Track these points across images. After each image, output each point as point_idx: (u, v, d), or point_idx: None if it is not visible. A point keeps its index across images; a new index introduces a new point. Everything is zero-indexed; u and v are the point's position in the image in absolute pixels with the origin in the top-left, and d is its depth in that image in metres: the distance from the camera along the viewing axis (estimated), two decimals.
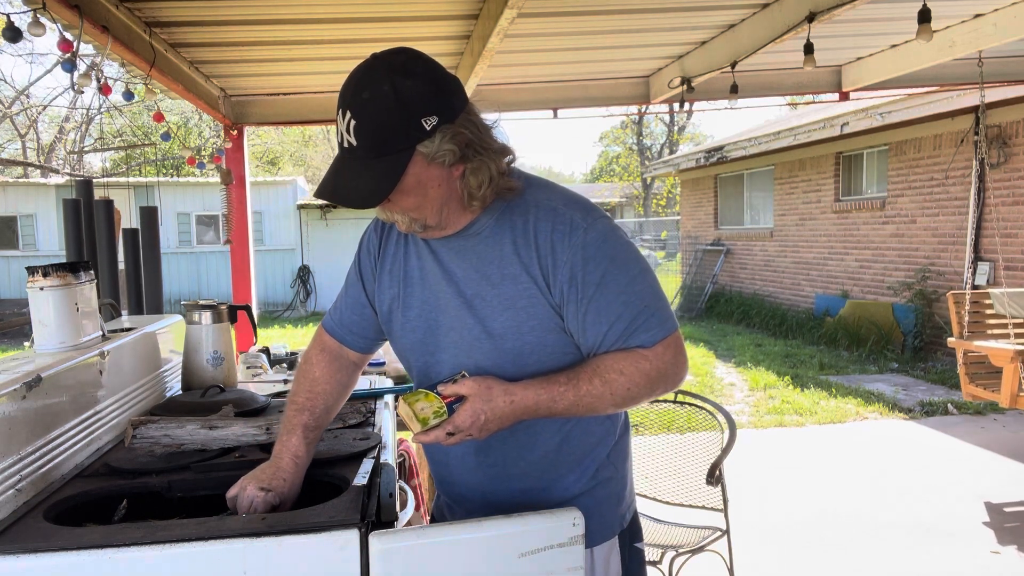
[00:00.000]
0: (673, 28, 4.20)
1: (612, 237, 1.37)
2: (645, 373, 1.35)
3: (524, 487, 1.46)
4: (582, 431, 1.46)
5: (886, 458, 5.18)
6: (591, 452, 1.48)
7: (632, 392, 1.36)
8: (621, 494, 1.53)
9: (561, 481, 1.47)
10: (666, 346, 1.36)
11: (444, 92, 1.30)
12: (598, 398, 1.35)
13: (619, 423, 1.54)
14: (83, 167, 19.31)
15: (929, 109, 7.71)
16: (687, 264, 14.65)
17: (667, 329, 1.36)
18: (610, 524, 1.49)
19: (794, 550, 3.79)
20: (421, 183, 1.30)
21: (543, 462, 1.46)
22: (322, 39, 4.00)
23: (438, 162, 1.29)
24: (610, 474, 1.50)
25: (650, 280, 1.39)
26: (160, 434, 1.62)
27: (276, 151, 27.95)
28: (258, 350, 3.51)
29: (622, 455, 1.55)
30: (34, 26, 2.56)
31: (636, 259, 1.39)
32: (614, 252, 1.36)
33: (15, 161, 20.25)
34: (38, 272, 1.73)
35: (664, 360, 1.36)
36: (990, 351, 4.66)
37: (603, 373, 1.35)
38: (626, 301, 1.35)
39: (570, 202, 1.41)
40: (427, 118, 1.26)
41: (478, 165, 1.32)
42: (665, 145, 32.78)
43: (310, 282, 16.07)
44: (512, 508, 1.38)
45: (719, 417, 2.99)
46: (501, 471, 1.46)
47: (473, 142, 1.31)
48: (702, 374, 8.12)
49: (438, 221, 1.37)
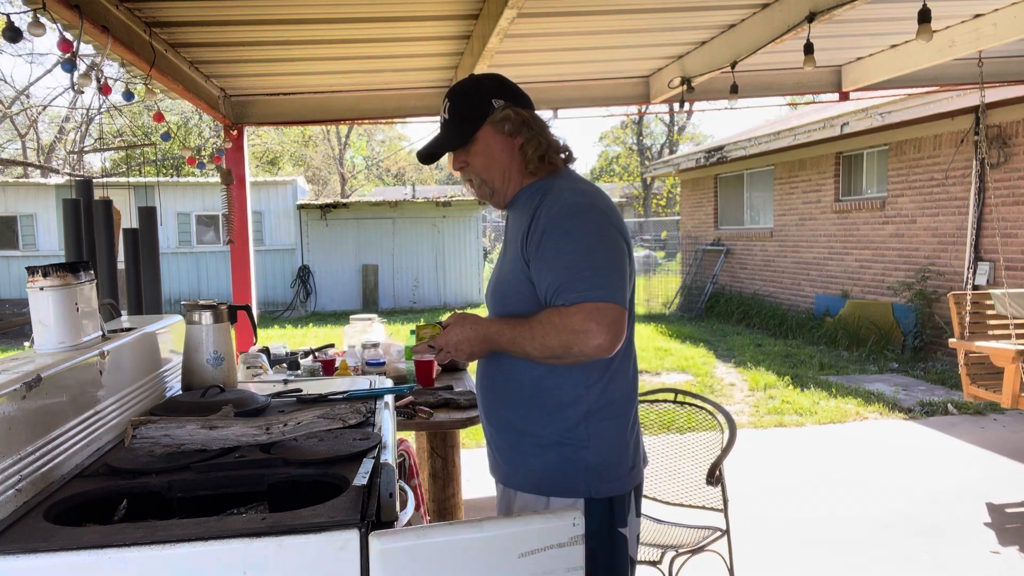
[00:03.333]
0: (673, 28, 4.20)
1: (582, 213, 1.65)
2: (555, 325, 1.58)
3: (509, 418, 1.75)
4: (552, 384, 1.69)
5: (886, 458, 5.18)
6: (561, 411, 1.69)
7: (546, 341, 1.60)
8: (594, 466, 1.69)
9: (533, 425, 1.71)
10: (580, 308, 1.56)
11: (512, 89, 1.80)
12: (524, 339, 1.63)
13: (592, 398, 1.69)
14: (83, 167, 19.30)
15: (929, 109, 7.71)
16: (687, 264, 14.65)
17: (589, 297, 1.57)
18: (573, 485, 1.68)
19: (794, 550, 3.79)
20: (489, 146, 1.74)
21: (520, 404, 1.73)
22: (322, 39, 4.00)
23: (501, 130, 1.73)
24: (583, 443, 1.69)
25: (599, 256, 1.61)
26: (160, 434, 1.62)
27: (276, 151, 27.94)
28: (258, 350, 3.51)
29: (607, 436, 1.71)
30: (34, 26, 2.56)
31: (595, 235, 1.63)
32: (576, 225, 1.63)
33: (15, 161, 20.25)
34: (38, 272, 1.73)
35: (574, 320, 1.56)
36: (991, 351, 4.66)
37: (532, 320, 1.63)
38: (567, 265, 1.60)
39: (575, 188, 1.71)
40: (496, 99, 1.75)
41: (532, 137, 1.74)
42: (665, 145, 32.78)
43: (310, 282, 16.07)
44: (501, 434, 1.77)
45: (719, 417, 2.99)
46: (495, 403, 1.78)
47: (529, 121, 1.75)
48: (702, 374, 8.12)
49: (502, 184, 1.78)
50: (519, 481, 1.75)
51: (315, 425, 1.67)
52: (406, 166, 35.99)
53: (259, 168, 26.39)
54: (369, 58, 4.47)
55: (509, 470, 1.78)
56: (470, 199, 16.45)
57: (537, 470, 1.71)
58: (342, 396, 2.18)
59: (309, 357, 3.71)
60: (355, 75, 4.90)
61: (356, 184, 29.73)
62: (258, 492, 1.53)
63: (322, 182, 29.48)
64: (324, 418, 1.68)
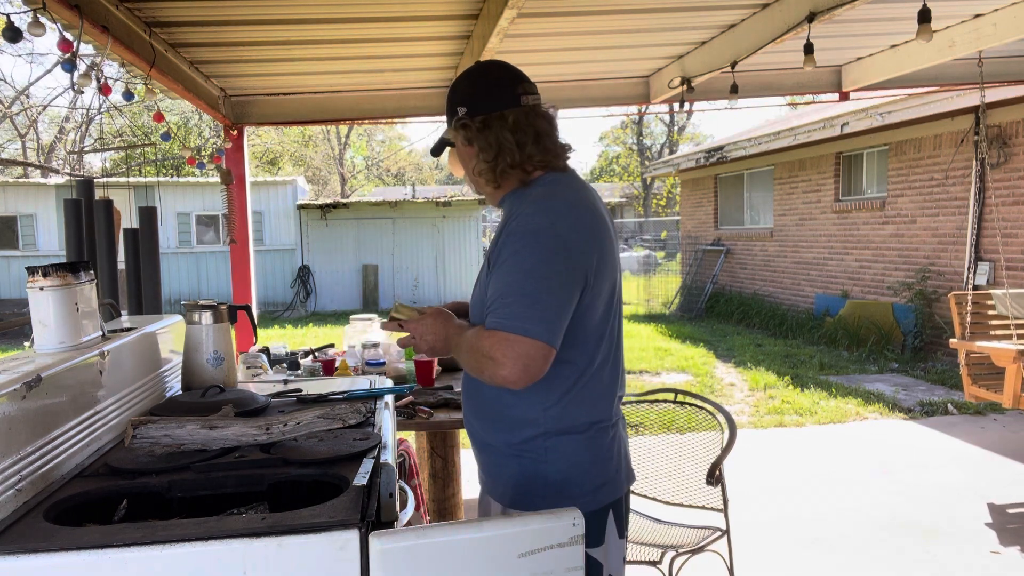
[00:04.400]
0: (673, 28, 4.20)
1: (533, 235, 1.58)
2: (473, 346, 1.60)
3: (478, 429, 1.78)
4: (511, 402, 1.67)
5: (886, 458, 5.18)
6: (519, 428, 1.68)
7: (467, 359, 1.63)
8: (555, 484, 1.67)
9: (496, 438, 1.73)
10: (493, 334, 1.54)
11: (475, 94, 1.73)
12: (459, 352, 1.66)
13: (548, 421, 1.66)
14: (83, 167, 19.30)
15: (929, 109, 7.71)
16: (687, 264, 14.65)
17: (504, 325, 1.54)
18: (534, 500, 1.67)
19: (794, 550, 3.79)
20: (460, 152, 1.78)
21: (485, 417, 1.74)
22: (322, 39, 4.00)
23: (462, 139, 1.74)
24: (541, 458, 1.67)
25: (531, 285, 1.55)
26: (160, 434, 1.62)
27: (276, 151, 27.94)
28: (258, 350, 3.51)
29: (568, 454, 1.67)
30: (34, 26, 2.56)
31: (534, 262, 1.56)
32: (523, 247, 1.58)
33: (15, 161, 20.25)
34: (38, 272, 1.73)
35: (485, 344, 1.55)
36: (992, 351, 4.66)
37: (468, 335, 1.64)
38: (500, 288, 1.58)
39: (542, 205, 1.64)
40: (460, 107, 1.73)
41: (486, 148, 1.70)
42: (665, 145, 32.79)
43: (310, 282, 16.07)
44: (475, 444, 1.80)
45: (719, 417, 2.99)
46: (468, 414, 1.81)
47: (488, 133, 1.69)
48: (702, 374, 8.12)
49: (479, 190, 1.80)
50: (495, 491, 1.77)
51: (315, 425, 1.67)
52: (406, 166, 36.00)
53: (259, 168, 26.39)
54: (369, 58, 4.46)
55: (488, 480, 1.81)
56: (470, 199, 16.47)
57: (505, 482, 1.73)
58: (342, 396, 2.18)
59: (309, 357, 3.71)
60: (355, 75, 4.90)
61: (356, 184, 29.74)
62: (258, 492, 1.53)
63: (322, 182, 29.48)
64: (324, 418, 1.68)
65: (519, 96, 1.71)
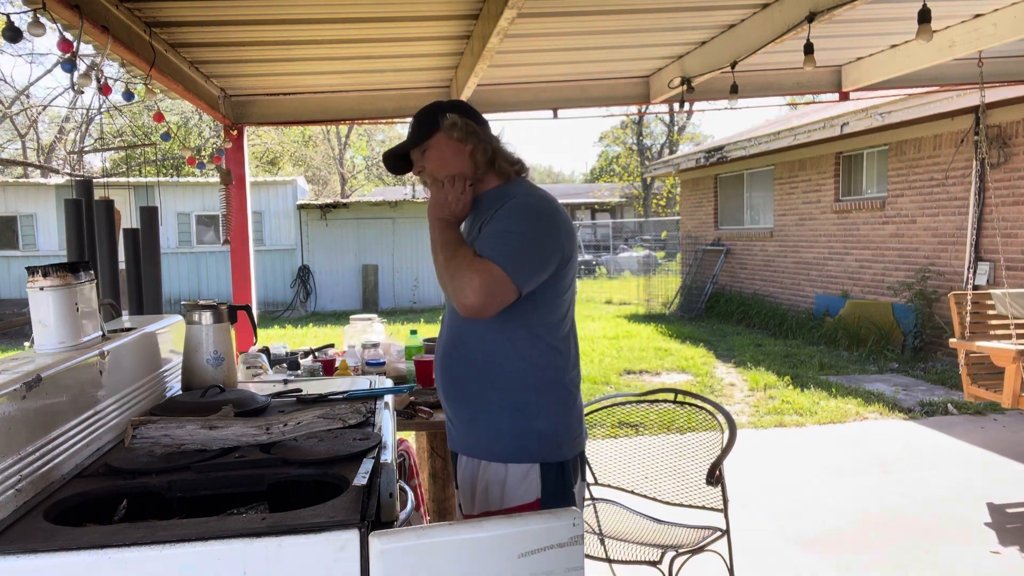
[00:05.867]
0: (673, 28, 4.20)
1: (532, 208, 1.87)
2: (458, 263, 1.79)
3: (465, 389, 1.92)
4: (501, 360, 1.88)
5: (886, 458, 5.18)
6: (510, 384, 1.88)
7: (447, 265, 1.82)
8: (544, 434, 1.89)
9: (487, 396, 1.90)
10: (481, 263, 1.76)
11: (464, 107, 2.01)
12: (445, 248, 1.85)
13: (537, 375, 1.89)
14: (83, 167, 19.29)
15: (929, 109, 7.71)
16: (687, 264, 14.65)
17: (494, 259, 1.76)
18: (528, 450, 1.87)
19: (794, 550, 3.79)
20: (442, 151, 1.95)
21: (475, 377, 1.91)
22: (322, 39, 4.00)
23: (451, 136, 1.94)
24: (534, 414, 1.88)
25: (524, 240, 1.81)
26: (160, 434, 1.62)
27: (276, 151, 27.93)
28: (258, 350, 3.51)
29: (556, 408, 1.91)
30: (34, 26, 2.56)
31: (531, 224, 1.84)
32: (522, 212, 1.86)
33: (15, 161, 20.25)
34: (38, 272, 1.73)
35: (467, 269, 1.76)
36: (992, 351, 4.66)
37: (459, 246, 1.85)
38: (496, 232, 1.82)
39: (533, 193, 1.94)
40: (449, 113, 1.97)
41: (480, 144, 1.95)
42: (665, 145, 32.78)
43: (310, 282, 16.07)
44: (459, 405, 1.94)
45: (719, 417, 2.99)
46: (453, 378, 1.95)
47: (478, 132, 1.97)
48: (702, 374, 8.12)
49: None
50: (480, 450, 1.91)
51: (315, 425, 1.67)
52: None
53: (259, 168, 26.39)
54: (369, 58, 4.46)
55: (471, 440, 1.93)
56: None
57: (494, 439, 1.89)
58: (342, 396, 2.18)
59: (309, 357, 3.71)
60: (355, 75, 4.90)
61: (356, 184, 29.73)
62: (258, 492, 1.53)
63: (322, 182, 29.47)
64: (324, 418, 1.68)
65: None
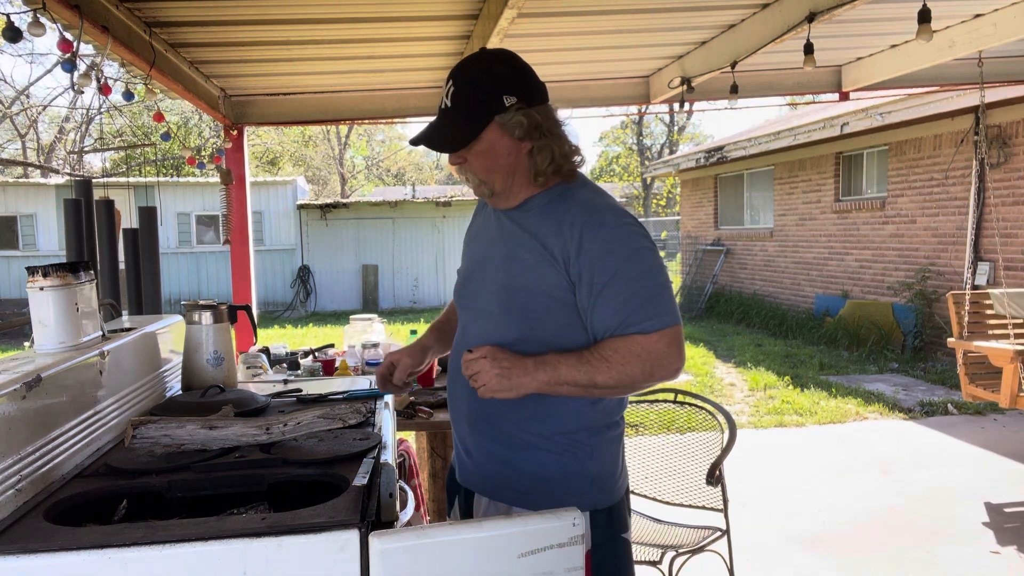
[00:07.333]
0: (673, 28, 4.20)
1: (633, 237, 1.55)
2: (637, 355, 1.50)
3: (504, 427, 1.64)
4: (556, 399, 1.59)
5: (886, 458, 5.18)
6: (561, 423, 1.61)
7: (627, 370, 1.50)
8: (597, 478, 1.65)
9: (529, 428, 1.62)
10: (661, 335, 1.50)
11: (528, 83, 1.58)
12: (595, 371, 1.50)
13: (600, 410, 1.64)
14: (83, 167, 19.30)
15: (929, 109, 7.71)
16: (687, 264, 14.65)
17: (664, 322, 1.51)
18: (577, 495, 1.60)
19: (794, 550, 3.79)
20: (493, 148, 1.56)
21: (519, 415, 1.61)
22: (322, 39, 4.00)
23: (510, 133, 1.55)
24: (587, 454, 1.63)
25: (659, 279, 1.55)
26: (160, 434, 1.62)
27: (276, 151, 27.93)
28: (258, 350, 3.51)
29: (606, 448, 1.67)
30: (34, 26, 2.56)
31: (650, 259, 1.56)
32: (631, 251, 1.53)
33: (15, 161, 20.24)
34: (38, 272, 1.73)
35: (657, 347, 1.50)
36: (990, 351, 4.66)
37: (603, 352, 1.51)
38: (633, 293, 1.51)
39: (607, 204, 1.60)
40: (508, 96, 1.54)
41: (544, 145, 1.57)
42: (665, 145, 32.77)
43: (310, 282, 16.07)
44: (492, 444, 1.65)
45: (719, 417, 2.99)
46: (486, 413, 1.65)
47: (542, 126, 1.57)
48: (702, 374, 8.11)
49: (504, 188, 1.61)
50: (512, 494, 1.64)
51: (315, 425, 1.67)
52: (406, 166, 35.99)
53: (259, 168, 26.38)
54: (369, 58, 4.46)
55: (501, 482, 1.66)
56: (470, 199, 16.45)
57: (537, 484, 1.63)
58: (342, 396, 2.18)
59: (309, 357, 3.71)
60: (355, 75, 4.90)
61: (356, 184, 29.73)
62: (258, 492, 1.53)
63: (322, 182, 29.47)
64: (324, 418, 1.68)
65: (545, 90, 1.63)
